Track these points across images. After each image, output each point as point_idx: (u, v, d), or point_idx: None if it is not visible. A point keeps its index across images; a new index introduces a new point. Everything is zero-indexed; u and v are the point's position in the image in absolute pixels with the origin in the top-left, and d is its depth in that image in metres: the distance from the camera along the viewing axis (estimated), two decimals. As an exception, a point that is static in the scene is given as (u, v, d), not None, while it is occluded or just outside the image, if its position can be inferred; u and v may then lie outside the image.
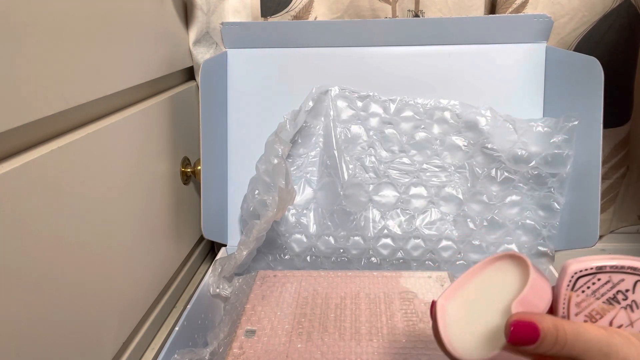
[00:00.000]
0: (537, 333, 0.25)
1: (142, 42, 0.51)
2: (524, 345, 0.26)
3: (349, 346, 0.46)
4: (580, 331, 0.26)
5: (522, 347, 0.26)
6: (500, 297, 0.29)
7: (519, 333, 0.26)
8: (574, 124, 0.56)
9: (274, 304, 0.53)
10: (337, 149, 0.62)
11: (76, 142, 0.39)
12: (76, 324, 0.39)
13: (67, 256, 0.38)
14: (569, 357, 0.26)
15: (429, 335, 0.48)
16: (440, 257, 0.61)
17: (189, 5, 0.62)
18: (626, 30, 0.62)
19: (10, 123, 0.32)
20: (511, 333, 0.26)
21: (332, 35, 0.62)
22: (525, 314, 0.26)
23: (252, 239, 0.56)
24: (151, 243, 0.53)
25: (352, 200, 0.61)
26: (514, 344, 0.26)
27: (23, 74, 0.33)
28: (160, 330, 0.57)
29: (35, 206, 0.34)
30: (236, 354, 0.46)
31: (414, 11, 0.64)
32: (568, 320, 0.27)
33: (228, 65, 0.64)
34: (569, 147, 0.57)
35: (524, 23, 0.60)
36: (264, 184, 0.56)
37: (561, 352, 0.25)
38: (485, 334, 0.29)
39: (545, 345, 0.25)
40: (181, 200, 0.61)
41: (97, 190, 0.42)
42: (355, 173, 0.62)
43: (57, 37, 0.37)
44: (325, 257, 0.62)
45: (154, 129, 0.53)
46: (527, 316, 0.26)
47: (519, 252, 0.30)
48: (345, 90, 0.63)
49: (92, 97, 0.41)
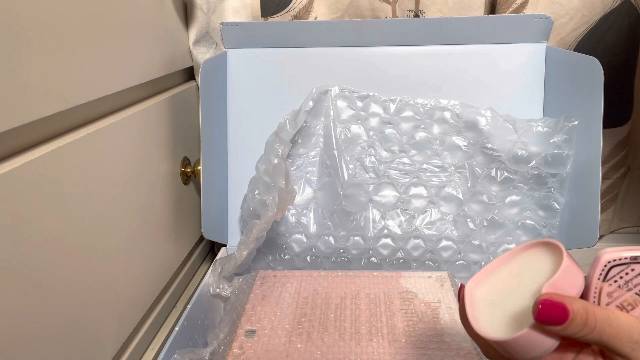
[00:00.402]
0: (567, 314, 0.25)
1: (142, 42, 0.51)
2: (553, 324, 0.25)
3: (349, 346, 0.46)
4: (610, 316, 0.25)
5: (551, 326, 0.25)
6: (531, 281, 0.29)
7: (548, 312, 0.25)
8: (574, 124, 0.56)
9: (274, 304, 0.53)
10: (337, 149, 0.62)
11: (76, 142, 0.39)
12: (76, 324, 0.39)
13: (67, 256, 0.38)
14: (597, 342, 0.25)
15: (429, 335, 0.48)
16: (440, 257, 0.61)
17: (189, 5, 0.62)
18: (626, 30, 0.62)
19: (10, 123, 0.32)
20: (539, 311, 0.25)
21: (332, 35, 0.62)
22: (555, 294, 0.26)
23: (252, 239, 0.56)
24: (151, 243, 0.53)
25: (352, 200, 0.61)
26: (542, 322, 0.25)
27: (23, 74, 0.33)
28: (160, 330, 0.57)
29: (35, 206, 0.34)
30: (236, 354, 0.46)
31: (414, 11, 0.64)
32: (599, 306, 0.26)
33: (228, 65, 0.64)
34: (569, 147, 0.57)
35: (524, 23, 0.60)
36: (264, 184, 0.56)
37: (590, 336, 0.25)
38: (514, 315, 0.28)
39: (574, 327, 0.25)
40: (181, 200, 0.61)
41: (97, 190, 0.42)
42: (355, 173, 0.62)
43: (57, 37, 0.37)
44: (325, 257, 0.62)
45: (154, 129, 0.53)
46: (557, 297, 0.26)
47: (554, 240, 0.29)
48: (345, 90, 0.63)
49: (92, 97, 0.41)
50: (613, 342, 0.25)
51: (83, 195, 0.40)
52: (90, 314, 0.41)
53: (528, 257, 0.31)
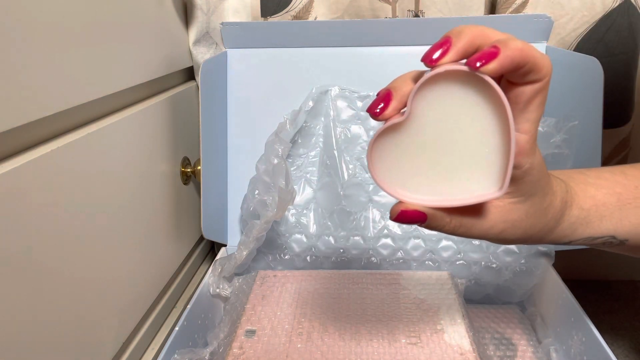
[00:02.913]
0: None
1: (142, 42, 0.51)
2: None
3: (349, 346, 0.46)
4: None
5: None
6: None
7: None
8: (574, 124, 0.56)
9: (274, 304, 0.53)
10: (337, 149, 0.62)
11: (76, 142, 0.39)
12: (76, 324, 0.39)
13: (67, 256, 0.38)
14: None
15: (429, 335, 0.48)
16: (440, 257, 0.61)
17: (189, 5, 0.62)
18: (626, 30, 0.62)
19: (10, 123, 0.32)
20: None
21: (332, 35, 0.62)
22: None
23: (252, 239, 0.56)
24: (151, 243, 0.53)
25: (352, 200, 0.61)
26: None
27: (23, 74, 0.33)
28: (160, 330, 0.57)
29: (35, 206, 0.34)
30: (236, 354, 0.46)
31: (414, 11, 0.64)
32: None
33: (228, 65, 0.64)
34: (569, 147, 0.57)
35: (524, 23, 0.60)
36: (264, 184, 0.56)
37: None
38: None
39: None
40: (181, 200, 0.61)
41: (97, 191, 0.42)
42: (355, 173, 0.62)
43: (57, 37, 0.37)
44: (325, 257, 0.62)
45: (154, 129, 0.53)
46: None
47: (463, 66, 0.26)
48: (345, 90, 0.63)
49: (92, 97, 0.41)
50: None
51: (83, 195, 0.40)
52: (90, 314, 0.41)
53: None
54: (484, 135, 0.27)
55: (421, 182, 0.29)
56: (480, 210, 0.31)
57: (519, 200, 0.31)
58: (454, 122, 0.27)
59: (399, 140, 0.28)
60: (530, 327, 0.56)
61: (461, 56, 0.26)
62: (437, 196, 0.29)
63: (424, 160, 0.29)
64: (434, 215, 0.29)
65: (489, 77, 0.25)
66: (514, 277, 0.59)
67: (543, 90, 0.27)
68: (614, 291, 0.73)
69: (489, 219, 0.31)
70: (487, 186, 0.28)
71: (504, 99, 0.26)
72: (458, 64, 0.26)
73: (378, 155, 0.29)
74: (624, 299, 0.71)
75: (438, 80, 0.27)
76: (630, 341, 0.63)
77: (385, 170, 0.29)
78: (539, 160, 0.30)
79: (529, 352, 0.53)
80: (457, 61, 0.26)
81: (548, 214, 0.32)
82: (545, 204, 0.32)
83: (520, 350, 0.53)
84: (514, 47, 0.25)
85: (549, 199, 0.32)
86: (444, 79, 0.27)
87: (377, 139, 0.28)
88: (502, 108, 0.26)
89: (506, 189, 0.28)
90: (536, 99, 0.27)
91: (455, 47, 0.26)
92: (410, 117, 0.28)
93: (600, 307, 0.69)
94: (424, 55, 0.27)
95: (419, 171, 0.29)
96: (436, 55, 0.26)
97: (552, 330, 0.54)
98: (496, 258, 0.60)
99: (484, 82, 0.26)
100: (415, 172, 0.29)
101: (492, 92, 0.26)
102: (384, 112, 0.28)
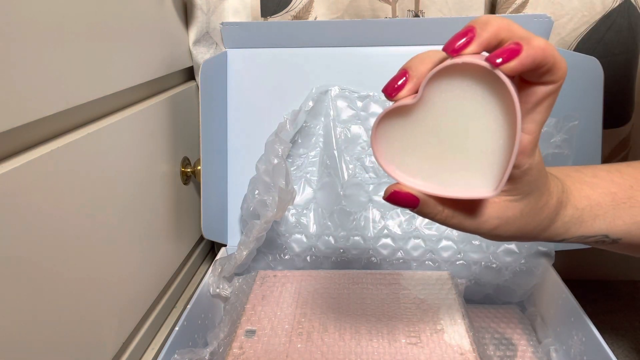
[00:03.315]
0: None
1: (142, 42, 0.51)
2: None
3: (349, 346, 0.46)
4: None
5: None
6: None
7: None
8: (574, 124, 0.56)
9: (274, 304, 0.53)
10: (337, 149, 0.62)
11: (76, 142, 0.39)
12: (76, 324, 0.39)
13: (67, 256, 0.38)
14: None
15: (429, 335, 0.48)
16: (440, 257, 0.61)
17: (189, 5, 0.62)
18: (626, 30, 0.62)
19: (10, 123, 0.32)
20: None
21: (332, 35, 0.62)
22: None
23: (252, 239, 0.56)
24: (151, 243, 0.53)
25: (352, 200, 0.61)
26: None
27: (23, 74, 0.33)
28: (160, 330, 0.57)
29: (34, 206, 0.34)
30: (236, 354, 0.46)
31: (414, 11, 0.64)
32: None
33: (228, 65, 0.64)
34: (569, 147, 0.57)
35: (524, 23, 0.59)
36: (264, 184, 0.56)
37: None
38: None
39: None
40: (181, 200, 0.61)
41: (97, 191, 0.42)
42: (355, 173, 0.62)
43: (57, 37, 0.37)
44: (325, 257, 0.62)
45: (154, 129, 0.53)
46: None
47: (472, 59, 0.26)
48: (345, 90, 0.63)
49: (92, 97, 0.41)
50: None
51: (83, 195, 0.40)
52: (90, 314, 0.41)
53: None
54: (489, 131, 0.27)
55: (420, 167, 0.29)
56: (475, 204, 0.30)
57: (515, 198, 0.31)
58: (462, 114, 0.27)
59: (405, 122, 0.29)
60: (530, 327, 0.56)
61: (484, 48, 0.26)
62: (433, 184, 0.29)
63: (426, 147, 0.29)
64: (426, 201, 0.29)
65: (505, 77, 0.25)
66: (514, 277, 0.59)
67: (555, 93, 0.27)
68: (614, 291, 0.73)
69: (483, 213, 0.31)
70: (484, 182, 0.28)
71: (516, 100, 0.25)
72: (478, 57, 0.26)
73: (382, 132, 0.29)
74: (624, 299, 0.71)
75: (454, 70, 0.27)
76: (630, 341, 0.63)
77: (387, 148, 0.29)
78: (538, 161, 0.30)
79: (529, 352, 0.53)
80: (479, 53, 0.26)
81: (543, 213, 0.32)
82: (541, 204, 0.32)
83: (520, 350, 0.53)
84: (537, 45, 0.25)
85: (545, 199, 0.32)
86: (459, 70, 0.27)
87: (384, 117, 0.28)
88: (512, 107, 0.26)
89: (501, 190, 0.27)
90: (547, 100, 0.27)
91: (479, 39, 0.26)
92: (420, 101, 0.28)
93: (600, 307, 0.69)
94: (447, 44, 0.27)
95: (419, 156, 0.29)
96: (459, 44, 0.26)
97: (552, 330, 0.54)
98: (496, 258, 0.60)
99: (498, 79, 0.26)
100: (415, 157, 0.29)
101: (504, 91, 0.26)
102: (399, 93, 0.28)
